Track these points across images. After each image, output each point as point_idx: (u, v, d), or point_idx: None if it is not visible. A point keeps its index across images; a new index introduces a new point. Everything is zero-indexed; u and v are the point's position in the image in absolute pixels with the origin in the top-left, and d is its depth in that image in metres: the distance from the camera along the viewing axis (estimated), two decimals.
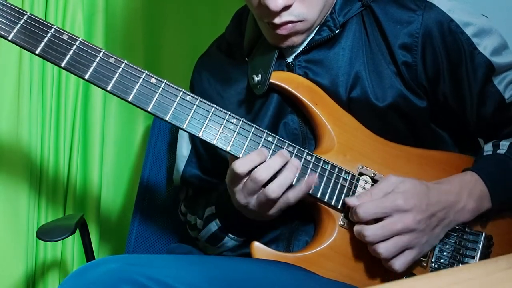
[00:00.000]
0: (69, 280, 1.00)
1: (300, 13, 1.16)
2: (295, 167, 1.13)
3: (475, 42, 1.20)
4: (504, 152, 1.22)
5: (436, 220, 1.13)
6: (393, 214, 1.10)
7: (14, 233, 1.66)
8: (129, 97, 1.12)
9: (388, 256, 1.11)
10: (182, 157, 1.39)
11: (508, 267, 0.69)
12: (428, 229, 1.12)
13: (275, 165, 1.12)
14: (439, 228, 1.14)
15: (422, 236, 1.12)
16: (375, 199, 1.12)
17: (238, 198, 1.14)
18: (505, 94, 1.24)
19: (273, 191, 1.10)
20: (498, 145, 1.25)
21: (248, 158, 1.12)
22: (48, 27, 1.12)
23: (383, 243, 1.10)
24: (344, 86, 1.22)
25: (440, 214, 1.13)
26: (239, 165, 1.11)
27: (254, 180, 1.11)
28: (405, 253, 1.12)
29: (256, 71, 1.23)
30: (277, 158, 1.13)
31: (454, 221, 1.16)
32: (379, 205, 1.11)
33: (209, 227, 1.28)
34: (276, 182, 1.11)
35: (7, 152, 1.66)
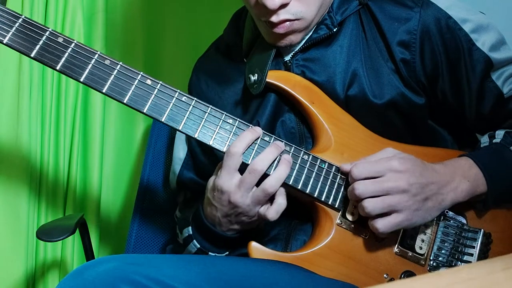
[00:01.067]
0: (68, 279, 1.00)
1: (297, 11, 1.16)
2: (288, 161, 1.14)
3: (473, 38, 1.21)
4: (499, 141, 1.23)
5: (429, 191, 1.12)
6: (386, 173, 1.10)
7: (14, 233, 1.67)
8: (124, 99, 1.12)
9: (372, 212, 1.10)
10: (178, 159, 1.39)
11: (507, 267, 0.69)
12: (419, 197, 1.11)
13: (271, 155, 1.13)
14: (432, 203, 1.13)
15: (412, 202, 1.10)
16: (370, 161, 1.13)
17: (233, 199, 1.13)
18: (504, 89, 1.24)
19: (270, 186, 1.11)
20: (494, 135, 1.25)
21: (240, 137, 1.13)
22: (43, 30, 1.12)
23: (371, 198, 1.10)
24: (341, 84, 1.22)
25: (433, 187, 1.12)
26: (234, 145, 1.12)
27: (253, 171, 1.11)
28: (392, 215, 1.11)
29: (253, 70, 1.23)
30: (272, 148, 1.14)
31: (448, 200, 1.15)
32: (373, 165, 1.11)
33: (189, 249, 1.27)
34: (273, 176, 1.12)
35: (7, 152, 1.67)
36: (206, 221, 1.21)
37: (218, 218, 1.18)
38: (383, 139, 1.24)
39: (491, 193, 1.19)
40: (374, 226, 1.11)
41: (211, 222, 1.20)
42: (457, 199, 1.16)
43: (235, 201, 1.13)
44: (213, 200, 1.16)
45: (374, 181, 1.10)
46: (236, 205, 1.14)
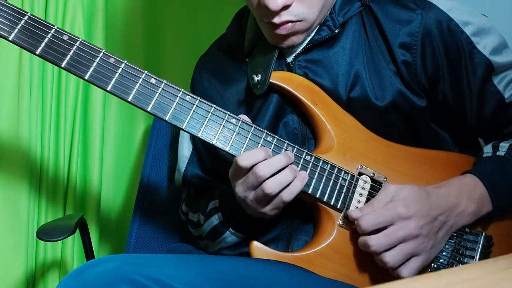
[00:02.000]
0: (68, 279, 1.00)
1: (299, 12, 1.16)
2: (294, 170, 1.13)
3: (475, 41, 1.21)
4: (503, 154, 1.22)
5: (438, 224, 1.13)
6: (395, 222, 1.10)
7: (14, 233, 1.66)
8: (128, 97, 1.12)
9: (395, 265, 1.11)
10: (183, 157, 1.39)
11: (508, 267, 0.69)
12: (431, 234, 1.12)
13: (278, 164, 1.12)
14: (443, 232, 1.14)
15: (427, 242, 1.12)
16: (376, 210, 1.12)
17: (237, 191, 1.15)
18: (505, 93, 1.24)
19: (269, 187, 1.11)
20: (498, 146, 1.25)
21: (252, 153, 1.12)
22: (48, 27, 1.12)
23: (389, 251, 1.10)
24: (344, 85, 1.22)
25: (441, 218, 1.13)
26: (243, 158, 1.12)
27: (255, 175, 1.11)
28: (412, 260, 1.12)
29: (256, 71, 1.23)
30: (281, 157, 1.13)
31: (456, 224, 1.16)
32: (381, 215, 1.11)
33: (211, 220, 1.28)
34: (274, 179, 1.11)
35: (7, 152, 1.66)
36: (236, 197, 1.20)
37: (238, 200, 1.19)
38: (384, 141, 1.24)
39: (495, 212, 1.20)
40: (402, 276, 1.12)
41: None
42: (464, 222, 1.17)
43: (238, 193, 1.15)
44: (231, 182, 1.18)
45: (385, 235, 1.10)
46: (240, 198, 1.15)
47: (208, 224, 1.29)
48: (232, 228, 1.26)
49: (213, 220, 1.28)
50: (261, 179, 1.11)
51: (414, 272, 1.12)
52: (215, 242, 1.30)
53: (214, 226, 1.28)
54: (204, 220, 1.31)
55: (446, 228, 1.15)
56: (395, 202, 1.11)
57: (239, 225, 1.26)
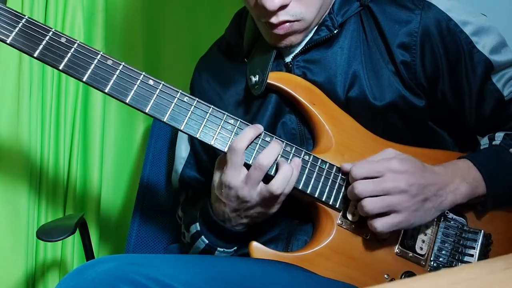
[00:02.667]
0: (68, 279, 1.00)
1: (297, 12, 1.16)
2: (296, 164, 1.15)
3: (474, 41, 1.21)
4: (499, 143, 1.23)
5: (428, 192, 1.12)
6: (386, 173, 1.11)
7: (14, 233, 1.66)
8: (127, 98, 1.12)
9: (371, 211, 1.10)
10: (180, 158, 1.39)
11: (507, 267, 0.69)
12: (419, 198, 1.11)
13: (275, 150, 1.13)
14: (431, 204, 1.13)
15: (412, 204, 1.11)
16: (370, 161, 1.13)
17: (241, 194, 1.14)
18: (504, 91, 1.24)
19: (277, 188, 1.11)
20: (493, 137, 1.25)
21: (242, 133, 1.13)
22: (46, 30, 1.12)
23: (370, 198, 1.10)
24: (342, 85, 1.22)
25: (432, 188, 1.12)
26: (237, 140, 1.12)
27: (259, 167, 1.11)
28: (390, 215, 1.11)
29: (254, 71, 1.23)
30: (274, 143, 1.14)
31: (447, 202, 1.15)
32: (373, 165, 1.12)
33: (197, 245, 1.27)
34: (278, 178, 1.12)
35: (7, 152, 1.67)
36: (214, 217, 1.21)
37: (227, 214, 1.18)
38: (383, 141, 1.24)
39: (490, 195, 1.19)
40: (373, 226, 1.12)
41: (220, 218, 1.21)
42: (456, 201, 1.16)
43: (243, 196, 1.14)
44: (221, 196, 1.17)
45: (373, 181, 1.11)
46: (244, 200, 1.14)
47: (195, 248, 1.28)
48: (220, 248, 1.25)
49: (199, 245, 1.27)
50: (265, 169, 1.12)
51: (386, 228, 1.11)
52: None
53: (202, 250, 1.27)
54: (190, 242, 1.30)
55: (436, 202, 1.14)
56: (390, 159, 1.12)
57: (226, 242, 1.25)
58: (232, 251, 1.26)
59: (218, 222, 1.21)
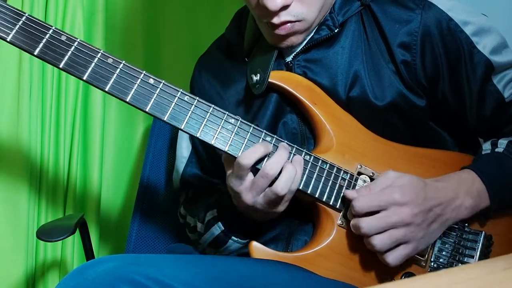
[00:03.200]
0: (67, 279, 1.00)
1: (298, 13, 1.16)
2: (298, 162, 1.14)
3: (474, 41, 1.20)
4: (502, 151, 1.22)
5: (433, 215, 1.12)
6: (389, 207, 1.10)
7: (14, 233, 1.66)
8: (127, 97, 1.12)
9: (382, 249, 1.11)
10: (182, 157, 1.39)
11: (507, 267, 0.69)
12: (424, 224, 1.12)
13: (283, 159, 1.12)
14: (436, 225, 1.14)
15: (418, 231, 1.11)
16: (373, 193, 1.12)
17: (244, 199, 1.13)
18: (505, 93, 1.24)
19: (282, 189, 1.11)
20: (497, 143, 1.25)
21: (252, 150, 1.12)
22: (46, 28, 1.12)
23: (378, 235, 1.10)
24: (343, 85, 1.22)
25: (437, 210, 1.13)
26: (244, 157, 1.11)
27: (265, 175, 1.11)
28: (400, 247, 1.11)
29: (255, 71, 1.23)
30: (282, 150, 1.13)
31: (452, 219, 1.16)
32: (376, 198, 1.11)
33: (212, 231, 1.28)
34: (282, 179, 1.11)
35: (7, 152, 1.67)
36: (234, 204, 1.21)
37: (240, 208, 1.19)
38: (384, 140, 1.24)
39: (493, 207, 1.19)
40: (386, 261, 1.12)
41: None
42: (460, 217, 1.17)
43: (247, 202, 1.14)
44: (233, 196, 1.18)
45: (377, 217, 1.10)
46: (248, 205, 1.14)
47: (209, 234, 1.29)
48: (235, 236, 1.25)
49: (214, 231, 1.27)
50: (272, 177, 1.11)
51: (399, 259, 1.12)
52: (218, 250, 1.30)
53: (216, 236, 1.27)
54: (204, 229, 1.30)
55: (441, 221, 1.14)
56: (392, 188, 1.12)
57: (242, 231, 1.26)
58: (244, 243, 1.26)
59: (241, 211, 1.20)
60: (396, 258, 1.12)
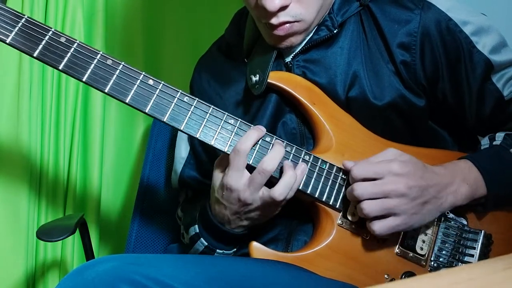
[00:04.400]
0: (67, 279, 1.00)
1: (297, 13, 1.16)
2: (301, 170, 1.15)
3: (474, 41, 1.21)
4: (499, 143, 1.23)
5: (428, 195, 1.12)
6: (386, 176, 1.10)
7: (14, 233, 1.67)
8: (126, 98, 1.12)
9: (370, 214, 1.10)
10: (180, 158, 1.39)
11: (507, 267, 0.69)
12: (419, 201, 1.11)
13: (278, 154, 1.13)
14: (431, 206, 1.13)
15: (411, 206, 1.11)
16: (371, 162, 1.13)
17: (243, 196, 1.13)
18: (504, 91, 1.25)
19: (280, 194, 1.11)
20: (494, 137, 1.26)
21: (245, 136, 1.13)
22: (46, 30, 1.12)
23: (369, 200, 1.10)
24: (342, 85, 1.22)
25: (432, 191, 1.12)
26: (241, 143, 1.12)
27: (262, 171, 1.11)
28: (389, 218, 1.11)
29: (254, 71, 1.23)
30: (277, 146, 1.14)
31: (447, 204, 1.15)
32: (374, 166, 1.12)
33: (196, 247, 1.27)
34: (281, 183, 1.12)
35: (7, 152, 1.67)
36: (214, 220, 1.21)
37: (227, 216, 1.18)
38: (383, 140, 1.24)
39: (490, 196, 1.19)
40: (371, 228, 1.12)
41: (220, 221, 1.21)
42: (456, 203, 1.16)
43: (244, 199, 1.14)
44: (222, 199, 1.17)
45: (373, 183, 1.11)
46: (246, 203, 1.14)
47: (194, 250, 1.28)
48: (219, 249, 1.25)
49: (198, 247, 1.27)
50: (270, 173, 1.12)
51: (385, 230, 1.11)
52: None
53: (202, 251, 1.27)
54: (189, 243, 1.30)
55: (435, 204, 1.14)
56: (391, 160, 1.12)
57: (225, 243, 1.25)
58: (231, 253, 1.26)
59: (217, 225, 1.21)
60: (382, 227, 1.11)
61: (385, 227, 1.11)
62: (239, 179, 1.13)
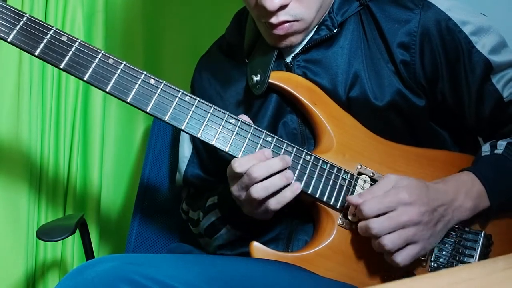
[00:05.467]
0: (67, 279, 1.00)
1: (296, 13, 1.16)
2: (286, 178, 1.12)
3: (473, 41, 1.20)
4: (501, 152, 1.22)
5: (438, 215, 1.13)
6: (397, 207, 1.10)
7: (14, 233, 1.67)
8: (128, 98, 1.12)
9: (393, 249, 1.10)
10: (183, 158, 1.39)
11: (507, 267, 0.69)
12: (431, 224, 1.12)
13: (273, 167, 1.11)
14: (441, 225, 1.14)
15: (426, 231, 1.11)
16: (378, 196, 1.12)
17: (232, 190, 1.14)
18: (504, 92, 1.24)
19: (256, 191, 1.10)
20: (496, 145, 1.25)
21: (248, 158, 1.12)
22: (47, 28, 1.12)
23: (388, 235, 1.10)
24: (343, 85, 1.22)
25: (440, 210, 1.13)
26: (238, 164, 1.11)
27: (249, 175, 1.10)
28: (408, 247, 1.11)
29: (255, 71, 1.23)
30: (278, 160, 1.12)
31: (453, 220, 1.16)
32: (383, 200, 1.11)
33: (209, 216, 1.28)
34: (262, 184, 1.10)
35: (7, 152, 1.67)
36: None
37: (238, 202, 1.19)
38: (384, 140, 1.24)
39: (493, 208, 1.19)
40: (395, 262, 1.11)
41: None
42: (461, 218, 1.17)
43: (233, 192, 1.14)
44: None
45: (388, 218, 1.10)
46: (235, 196, 1.15)
47: (206, 220, 1.29)
48: (229, 225, 1.26)
49: (211, 216, 1.28)
50: (254, 180, 1.10)
51: (408, 259, 1.11)
52: (212, 239, 1.30)
53: (212, 222, 1.28)
54: (203, 216, 1.31)
55: (444, 222, 1.14)
56: (396, 189, 1.11)
57: (236, 223, 1.26)
58: (238, 235, 1.26)
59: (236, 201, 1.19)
60: (405, 257, 1.11)
61: (408, 257, 1.11)
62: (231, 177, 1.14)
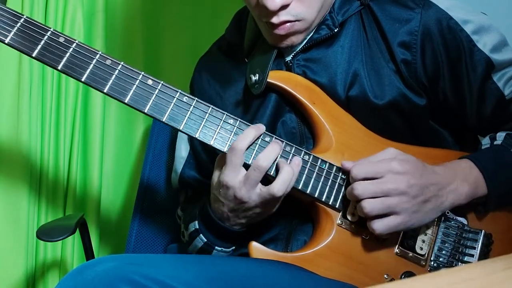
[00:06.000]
0: (67, 279, 1.00)
1: (297, 12, 1.16)
2: (296, 164, 1.14)
3: (474, 39, 1.21)
4: (500, 143, 1.23)
5: (429, 193, 1.12)
6: (386, 174, 1.10)
7: (14, 233, 1.67)
8: (126, 98, 1.12)
9: (370, 213, 1.10)
10: (180, 158, 1.39)
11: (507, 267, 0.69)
12: (419, 199, 1.11)
13: (274, 151, 1.13)
14: (431, 205, 1.13)
15: (412, 204, 1.11)
16: (370, 162, 1.13)
17: (239, 194, 1.13)
18: (505, 90, 1.24)
19: (278, 190, 1.11)
20: (495, 137, 1.25)
21: (243, 134, 1.13)
22: (44, 30, 1.12)
23: (370, 199, 1.10)
24: (342, 84, 1.22)
25: (433, 189, 1.12)
26: (238, 141, 1.12)
27: (257, 168, 1.11)
28: (389, 217, 1.11)
29: (254, 70, 1.23)
30: (274, 145, 1.14)
31: (448, 203, 1.15)
32: (374, 165, 1.12)
33: (195, 243, 1.27)
34: (279, 181, 1.11)
35: (7, 152, 1.67)
36: (213, 216, 1.21)
37: (225, 213, 1.18)
38: (384, 140, 1.24)
39: (491, 196, 1.19)
40: (372, 227, 1.12)
41: (219, 217, 1.20)
42: (457, 202, 1.16)
43: (241, 197, 1.13)
44: (219, 196, 1.16)
45: (373, 182, 1.11)
46: (242, 201, 1.14)
47: (193, 246, 1.28)
48: (218, 247, 1.25)
49: (197, 243, 1.26)
50: (265, 170, 1.11)
51: (385, 229, 1.11)
52: None
53: (200, 248, 1.26)
54: (188, 240, 1.30)
55: (436, 203, 1.13)
56: (391, 159, 1.12)
57: (224, 241, 1.25)
58: (230, 251, 1.26)
59: (217, 221, 1.21)
60: (382, 226, 1.11)
61: (386, 226, 1.11)
62: (235, 176, 1.13)
